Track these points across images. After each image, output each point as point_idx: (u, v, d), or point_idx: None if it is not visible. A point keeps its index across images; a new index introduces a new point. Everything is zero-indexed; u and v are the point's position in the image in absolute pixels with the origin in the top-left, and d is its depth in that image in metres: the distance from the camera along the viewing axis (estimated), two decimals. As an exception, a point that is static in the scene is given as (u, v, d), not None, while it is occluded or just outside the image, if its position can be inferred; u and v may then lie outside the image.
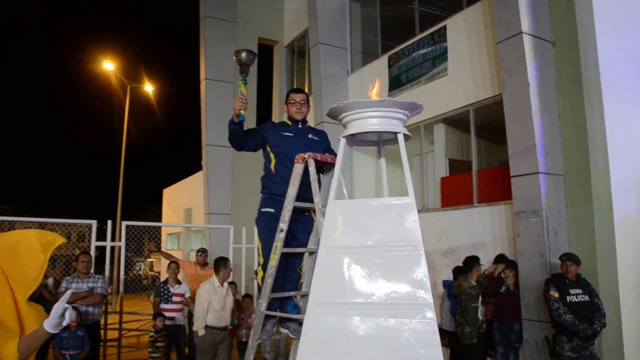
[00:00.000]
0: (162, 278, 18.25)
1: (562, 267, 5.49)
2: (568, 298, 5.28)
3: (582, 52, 6.24)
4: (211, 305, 5.90)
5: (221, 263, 6.22)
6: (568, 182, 6.31)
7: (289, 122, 3.77)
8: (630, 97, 6.44)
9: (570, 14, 6.34)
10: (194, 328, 5.91)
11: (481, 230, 7.58)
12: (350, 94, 10.84)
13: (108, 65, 20.42)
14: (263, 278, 3.34)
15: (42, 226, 7.30)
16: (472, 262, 6.46)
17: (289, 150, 3.54)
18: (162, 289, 6.84)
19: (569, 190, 6.28)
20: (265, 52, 13.99)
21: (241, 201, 12.19)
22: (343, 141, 2.98)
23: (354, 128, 2.88)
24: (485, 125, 8.23)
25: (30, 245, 2.54)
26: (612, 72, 6.20)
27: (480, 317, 6.12)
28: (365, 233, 2.70)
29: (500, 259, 6.63)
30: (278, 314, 3.38)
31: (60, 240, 2.68)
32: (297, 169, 3.19)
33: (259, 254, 3.61)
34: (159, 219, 22.70)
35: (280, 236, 3.18)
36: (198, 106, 12.74)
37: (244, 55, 3.54)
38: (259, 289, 3.46)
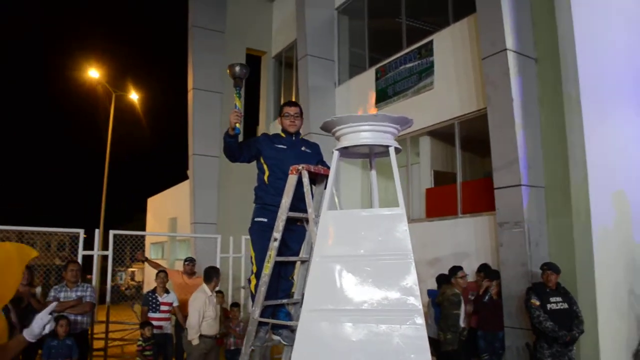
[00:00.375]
0: (146, 287, 18.12)
1: (542, 276, 5.67)
2: (548, 306, 5.46)
3: (563, 68, 6.49)
4: (206, 313, 5.97)
5: (213, 272, 6.31)
6: (549, 194, 6.52)
7: (283, 135, 3.90)
8: (609, 112, 6.69)
9: (552, 32, 6.59)
10: (189, 337, 5.96)
11: (465, 241, 7.77)
12: (338, 105, 11.00)
13: (93, 73, 20.36)
14: (256, 286, 3.44)
15: (21, 235, 7.24)
16: (455, 271, 6.68)
17: (282, 162, 3.67)
18: (150, 298, 6.87)
19: (550, 202, 6.49)
20: (253, 62, 14.13)
21: (226, 211, 12.24)
22: (336, 154, 3.10)
23: (346, 141, 2.99)
24: (470, 138, 8.44)
25: (9, 257, 2.63)
26: (591, 89, 6.45)
27: (462, 324, 6.26)
28: (357, 242, 2.81)
29: (483, 268, 6.81)
30: (271, 320, 3.48)
31: (35, 253, 2.79)
32: (291, 180, 3.31)
33: (252, 262, 3.71)
34: (143, 229, 22.56)
35: (274, 245, 3.29)
36: (183, 115, 12.81)
37: (237, 69, 3.65)
38: (253, 296, 3.56)
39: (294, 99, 13.02)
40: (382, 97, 9.72)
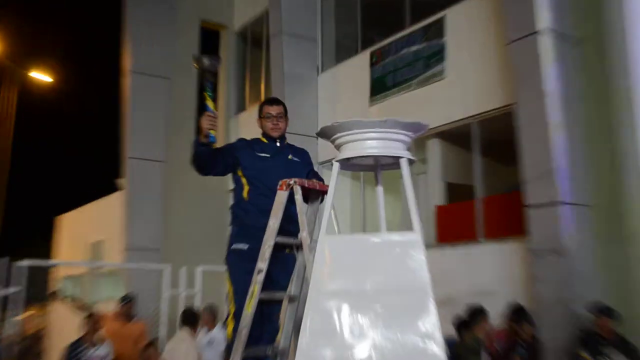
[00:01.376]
0: (55, 336, 17.84)
1: (594, 322, 5.90)
2: (602, 362, 5.68)
3: (611, 54, 6.79)
4: None
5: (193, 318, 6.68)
6: (597, 214, 6.74)
7: (265, 140, 4.09)
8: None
9: (598, 10, 6.87)
10: None
11: (487, 273, 7.95)
12: (321, 97, 11.15)
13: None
14: (235, 330, 3.61)
15: None
16: (476, 314, 6.86)
17: (265, 174, 3.87)
18: (73, 352, 6.88)
19: (599, 224, 6.71)
20: (209, 39, 14.24)
21: (171, 232, 12.19)
22: (336, 166, 3.30)
23: (349, 151, 3.20)
24: (492, 142, 8.69)
25: None
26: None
27: None
28: (363, 274, 3.00)
29: (517, 311, 6.94)
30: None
31: None
32: (281, 197, 3.51)
33: (228, 301, 3.88)
34: (47, 256, 22.13)
35: (259, 278, 3.47)
36: (114, 106, 12.81)
37: (206, 60, 3.83)
38: (229, 343, 3.73)
39: (262, 87, 13.18)
40: (379, 88, 9.95)
